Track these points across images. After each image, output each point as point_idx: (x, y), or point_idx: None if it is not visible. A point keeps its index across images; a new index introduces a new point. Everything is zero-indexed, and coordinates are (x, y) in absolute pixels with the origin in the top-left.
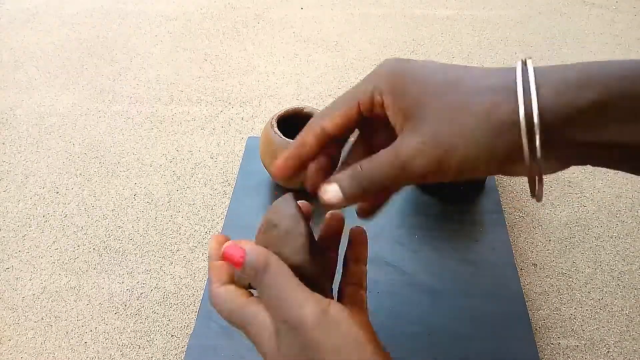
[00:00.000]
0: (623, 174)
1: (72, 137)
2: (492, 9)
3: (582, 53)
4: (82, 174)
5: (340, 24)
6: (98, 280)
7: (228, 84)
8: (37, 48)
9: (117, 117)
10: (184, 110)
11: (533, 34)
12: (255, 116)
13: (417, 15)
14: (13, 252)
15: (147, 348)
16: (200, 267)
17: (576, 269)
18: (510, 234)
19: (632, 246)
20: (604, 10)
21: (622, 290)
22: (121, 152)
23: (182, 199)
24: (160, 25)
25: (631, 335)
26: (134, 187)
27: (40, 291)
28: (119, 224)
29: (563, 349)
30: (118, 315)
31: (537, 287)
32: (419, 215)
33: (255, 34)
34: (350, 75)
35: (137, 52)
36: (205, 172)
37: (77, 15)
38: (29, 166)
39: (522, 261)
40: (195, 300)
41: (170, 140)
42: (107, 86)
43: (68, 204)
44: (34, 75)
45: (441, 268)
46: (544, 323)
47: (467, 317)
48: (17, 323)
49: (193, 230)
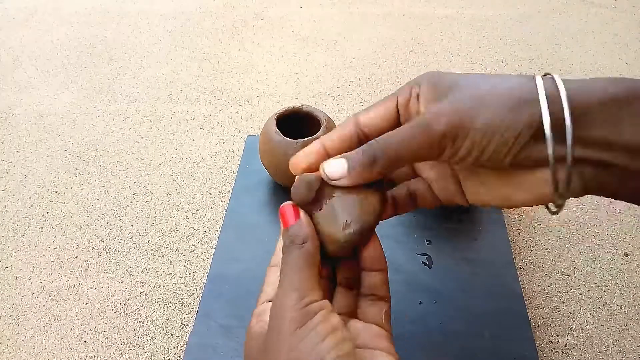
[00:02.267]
0: None
1: (71, 136)
2: (492, 8)
3: (582, 52)
4: (81, 173)
5: (340, 22)
6: (97, 279)
7: (227, 83)
8: (36, 47)
9: (116, 116)
10: (183, 109)
11: (532, 33)
12: (255, 115)
13: (416, 14)
14: (12, 252)
15: (146, 347)
16: (199, 266)
17: (575, 268)
18: (510, 233)
19: (631, 245)
20: (603, 9)
21: (620, 289)
22: (120, 151)
23: (182, 198)
24: (159, 24)
25: (630, 334)
26: (133, 186)
27: (40, 290)
28: (118, 223)
29: (562, 348)
30: (117, 314)
31: (536, 286)
32: (418, 214)
33: (255, 33)
34: (349, 74)
35: (136, 51)
36: (205, 171)
37: (76, 14)
38: (28, 165)
39: (521, 260)
40: (194, 299)
41: (170, 139)
42: (106, 85)
43: (67, 203)
44: (33, 74)
45: (440, 267)
46: (543, 321)
47: (466, 315)
48: (17, 322)
49: (192, 230)
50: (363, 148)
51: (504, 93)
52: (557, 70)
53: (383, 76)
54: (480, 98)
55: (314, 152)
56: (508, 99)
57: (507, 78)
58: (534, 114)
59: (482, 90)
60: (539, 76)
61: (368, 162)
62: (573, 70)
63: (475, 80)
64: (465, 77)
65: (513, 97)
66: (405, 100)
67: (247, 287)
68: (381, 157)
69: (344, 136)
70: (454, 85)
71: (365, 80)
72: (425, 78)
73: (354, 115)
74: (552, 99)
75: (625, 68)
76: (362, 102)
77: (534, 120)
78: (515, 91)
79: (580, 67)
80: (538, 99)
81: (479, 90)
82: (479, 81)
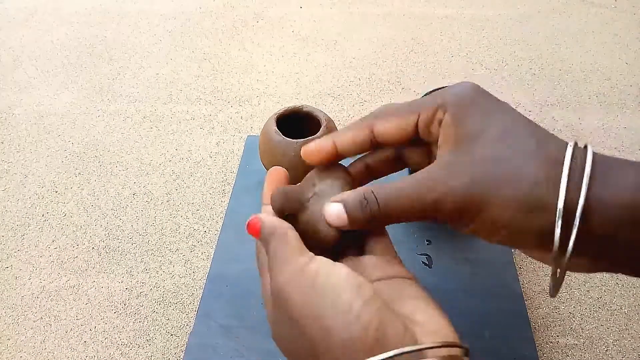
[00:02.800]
0: None
1: (71, 136)
2: (492, 8)
3: (582, 52)
4: (81, 173)
5: (340, 22)
6: (97, 279)
7: (227, 83)
8: (36, 47)
9: (116, 116)
10: (183, 109)
11: (532, 33)
12: (255, 115)
13: (416, 14)
14: (12, 252)
15: (146, 347)
16: (199, 266)
17: None
18: None
19: None
20: (603, 9)
21: (620, 288)
22: (120, 151)
23: (182, 198)
24: (159, 24)
25: (630, 334)
26: (133, 186)
27: (40, 290)
28: (118, 223)
29: (562, 347)
30: (117, 314)
31: (536, 286)
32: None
33: (255, 33)
34: (349, 74)
35: (136, 51)
36: (205, 171)
37: (76, 14)
38: (28, 165)
39: (521, 260)
40: (194, 299)
41: (170, 139)
42: (106, 85)
43: (67, 203)
44: (33, 74)
45: (440, 267)
46: (543, 321)
47: (466, 315)
48: (17, 322)
49: (192, 230)
50: (359, 198)
51: (523, 187)
52: (557, 70)
53: (383, 76)
54: (498, 178)
55: (324, 151)
56: (525, 195)
57: (531, 153)
58: (546, 223)
59: (503, 162)
60: (566, 168)
61: (364, 219)
62: (573, 70)
63: (500, 132)
64: (493, 121)
65: (532, 196)
66: (427, 120)
67: (247, 287)
68: (379, 215)
69: (358, 139)
70: (479, 132)
71: (365, 80)
72: (452, 100)
73: (372, 118)
74: (569, 206)
75: (625, 68)
76: (362, 102)
77: (545, 230)
78: (535, 190)
79: (580, 67)
80: (555, 207)
81: (500, 158)
82: (505, 137)
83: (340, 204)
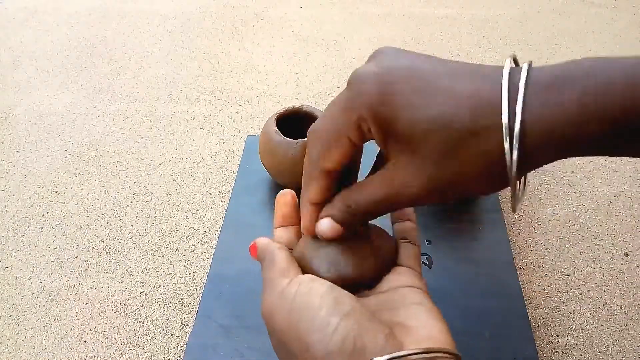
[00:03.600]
0: (622, 172)
1: (71, 136)
2: (492, 8)
3: (582, 52)
4: (81, 173)
5: (340, 23)
6: (97, 279)
7: (227, 83)
8: (36, 47)
9: (116, 116)
10: (183, 109)
11: (532, 33)
12: (255, 115)
13: (416, 14)
14: (12, 252)
15: (146, 347)
16: (199, 265)
17: (575, 268)
18: (509, 233)
19: (631, 245)
20: (603, 9)
21: (620, 288)
22: (120, 151)
23: (181, 198)
24: (159, 24)
25: (630, 334)
26: (133, 186)
27: (40, 290)
28: (118, 223)
29: (562, 347)
30: (117, 314)
31: (536, 286)
32: (418, 214)
33: (255, 33)
34: (349, 74)
35: (136, 51)
36: (205, 171)
37: (76, 15)
38: (28, 165)
39: (521, 260)
40: (194, 299)
41: (170, 140)
42: (106, 85)
43: (67, 203)
44: (33, 75)
45: (440, 267)
46: (543, 321)
47: (466, 315)
48: (16, 322)
49: (192, 230)
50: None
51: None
52: None
53: None
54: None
55: (310, 215)
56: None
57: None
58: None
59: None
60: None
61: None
62: None
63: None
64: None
65: (475, 117)
66: (358, 138)
67: (247, 287)
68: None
69: (324, 189)
70: (411, 123)
71: None
72: (366, 107)
73: (317, 167)
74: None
75: None
76: None
77: (494, 153)
78: (477, 112)
79: None
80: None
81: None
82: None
83: (327, 218)
